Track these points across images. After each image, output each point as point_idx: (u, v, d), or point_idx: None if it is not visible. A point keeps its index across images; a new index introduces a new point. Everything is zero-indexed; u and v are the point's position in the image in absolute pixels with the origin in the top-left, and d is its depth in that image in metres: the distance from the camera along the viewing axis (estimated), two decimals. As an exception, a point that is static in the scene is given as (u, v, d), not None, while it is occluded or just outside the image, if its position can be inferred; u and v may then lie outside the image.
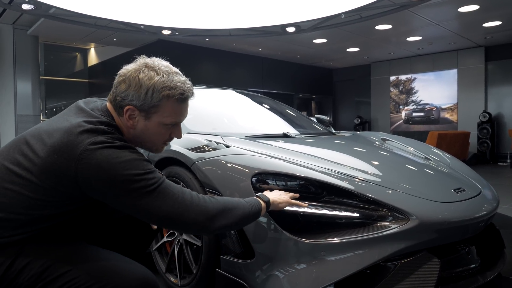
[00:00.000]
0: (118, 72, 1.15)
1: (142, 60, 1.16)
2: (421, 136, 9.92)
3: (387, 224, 1.48)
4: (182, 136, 2.10)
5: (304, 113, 13.43)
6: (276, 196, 1.40)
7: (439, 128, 10.58)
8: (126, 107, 1.11)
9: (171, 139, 1.26)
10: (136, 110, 1.12)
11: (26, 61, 7.83)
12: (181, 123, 2.35)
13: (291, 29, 7.12)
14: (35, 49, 8.01)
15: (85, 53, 12.65)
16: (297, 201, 1.44)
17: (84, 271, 1.02)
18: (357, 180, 1.63)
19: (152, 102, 1.11)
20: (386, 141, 2.62)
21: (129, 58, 1.18)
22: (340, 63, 12.30)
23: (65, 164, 0.99)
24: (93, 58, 12.26)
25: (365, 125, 12.35)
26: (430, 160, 2.30)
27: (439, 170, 2.08)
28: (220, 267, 1.62)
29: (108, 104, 1.18)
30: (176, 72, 1.18)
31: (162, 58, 1.20)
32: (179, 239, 1.87)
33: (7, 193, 1.02)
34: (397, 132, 11.57)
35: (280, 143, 2.04)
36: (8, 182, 1.02)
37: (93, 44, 11.26)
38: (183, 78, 1.18)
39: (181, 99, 1.16)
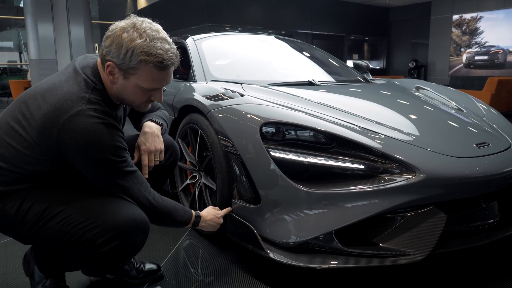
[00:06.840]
0: (109, 27, 1.17)
1: (133, 19, 1.16)
2: (482, 82, 9.16)
3: (393, 177, 1.47)
4: (206, 84, 2.18)
5: (356, 56, 12.86)
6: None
7: (504, 73, 9.69)
8: (107, 63, 1.15)
9: (151, 101, 1.27)
10: (116, 67, 1.15)
11: (78, 6, 8.06)
12: (207, 69, 2.43)
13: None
14: (86, -6, 8.20)
15: (134, -4, 12.74)
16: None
17: (76, 210, 1.14)
18: (367, 132, 1.60)
19: (131, 64, 1.12)
20: (420, 90, 2.50)
21: None
22: (397, 1, 11.38)
23: (50, 130, 1.10)
24: (142, 0, 12.35)
25: (420, 69, 11.58)
26: (463, 111, 2.17)
27: (467, 122, 1.97)
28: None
29: (98, 59, 1.22)
30: (162, 38, 1.15)
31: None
32: (200, 182, 1.99)
33: (8, 148, 1.15)
34: (456, 77, 10.76)
35: (300, 91, 2.02)
36: (9, 137, 1.16)
37: (141, -14, 11.28)
38: (167, 46, 1.15)
39: (160, 67, 1.14)
